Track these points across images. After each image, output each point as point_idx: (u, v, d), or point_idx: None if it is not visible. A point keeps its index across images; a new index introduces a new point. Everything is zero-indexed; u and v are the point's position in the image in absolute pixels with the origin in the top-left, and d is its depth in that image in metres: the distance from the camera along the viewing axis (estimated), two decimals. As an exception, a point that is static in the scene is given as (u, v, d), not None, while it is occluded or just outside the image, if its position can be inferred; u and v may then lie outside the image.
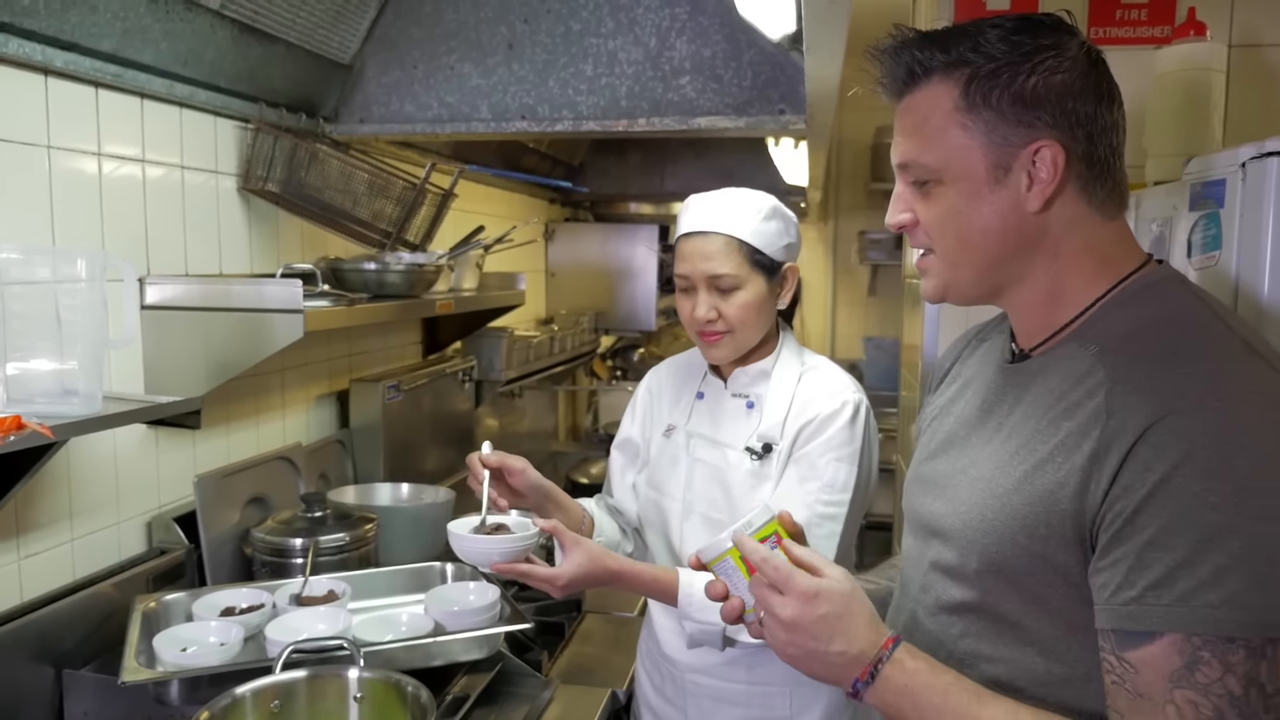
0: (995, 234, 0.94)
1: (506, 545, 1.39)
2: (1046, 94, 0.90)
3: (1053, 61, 0.90)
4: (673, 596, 1.50)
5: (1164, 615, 0.81)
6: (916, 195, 0.99)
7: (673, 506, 1.67)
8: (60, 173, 1.59)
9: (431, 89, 2.23)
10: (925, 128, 0.95)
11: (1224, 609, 0.78)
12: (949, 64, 0.93)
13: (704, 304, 1.57)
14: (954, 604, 0.99)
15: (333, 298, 1.94)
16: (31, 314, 1.39)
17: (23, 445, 1.21)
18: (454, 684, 1.62)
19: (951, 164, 0.94)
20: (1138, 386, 0.86)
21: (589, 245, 4.08)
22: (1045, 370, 0.96)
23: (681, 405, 1.74)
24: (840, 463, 1.54)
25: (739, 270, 1.56)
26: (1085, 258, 0.95)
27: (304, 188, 2.05)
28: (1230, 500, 0.79)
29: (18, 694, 1.49)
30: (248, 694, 1.30)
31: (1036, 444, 0.92)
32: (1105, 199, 0.94)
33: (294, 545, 1.84)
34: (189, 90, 1.84)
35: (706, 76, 2.12)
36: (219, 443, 2.03)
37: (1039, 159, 0.91)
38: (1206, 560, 0.79)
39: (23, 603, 1.56)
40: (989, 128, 0.92)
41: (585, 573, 1.42)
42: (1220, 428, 0.81)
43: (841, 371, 1.66)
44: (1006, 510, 0.92)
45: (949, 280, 1.00)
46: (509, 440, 3.45)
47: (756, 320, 1.59)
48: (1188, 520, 0.80)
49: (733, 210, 1.58)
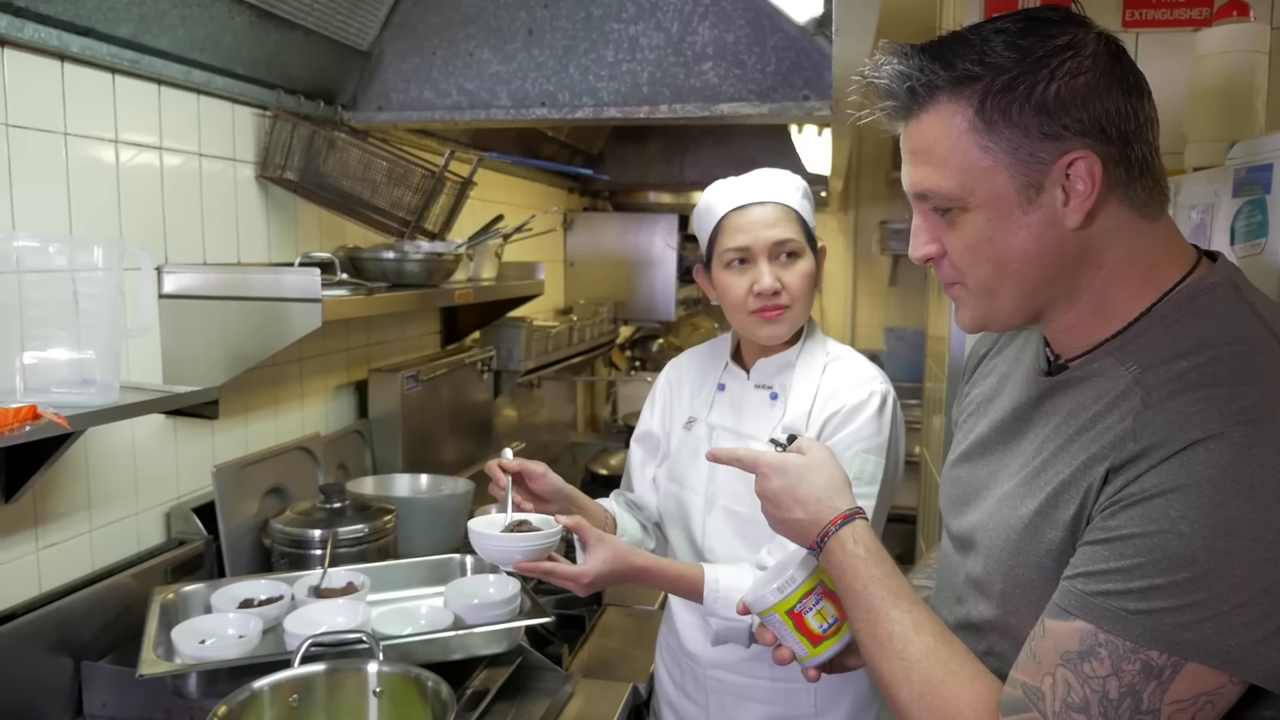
0: (1034, 257, 0.87)
1: (529, 544, 1.36)
2: (1071, 100, 0.83)
3: (1072, 63, 0.83)
4: (698, 593, 1.47)
5: (1081, 601, 0.80)
6: (940, 224, 0.91)
7: (694, 500, 1.64)
8: (77, 160, 1.58)
9: (450, 76, 2.20)
10: (940, 153, 0.88)
11: (1137, 618, 0.77)
12: (956, 81, 0.86)
13: (768, 274, 1.51)
14: (982, 621, 0.96)
15: (351, 287, 1.92)
16: (48, 303, 1.37)
17: (39, 435, 1.20)
18: (473, 678, 1.60)
19: (976, 189, 0.86)
20: (1169, 413, 0.80)
21: (608, 235, 4.05)
22: (1082, 385, 0.91)
23: (703, 397, 1.71)
24: (869, 454, 1.51)
25: (800, 236, 1.55)
26: (1130, 267, 0.88)
27: (322, 176, 2.03)
28: (1201, 537, 0.75)
29: (36, 685, 1.49)
30: (266, 688, 1.29)
31: (1063, 465, 0.88)
32: (1148, 199, 0.87)
33: (313, 536, 1.83)
34: (206, 77, 1.82)
35: (730, 62, 2.08)
36: (237, 433, 2.02)
37: (1073, 172, 0.84)
38: (1146, 576, 0.77)
39: (41, 593, 1.55)
40: (1013, 146, 0.84)
41: (609, 570, 1.39)
42: (1235, 464, 0.76)
43: (867, 361, 1.63)
44: (1031, 534, 0.89)
45: (986, 309, 0.93)
46: (527, 431, 3.43)
47: (810, 295, 1.58)
48: (1151, 539, 0.77)
49: (781, 183, 1.58)
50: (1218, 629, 0.74)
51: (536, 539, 1.37)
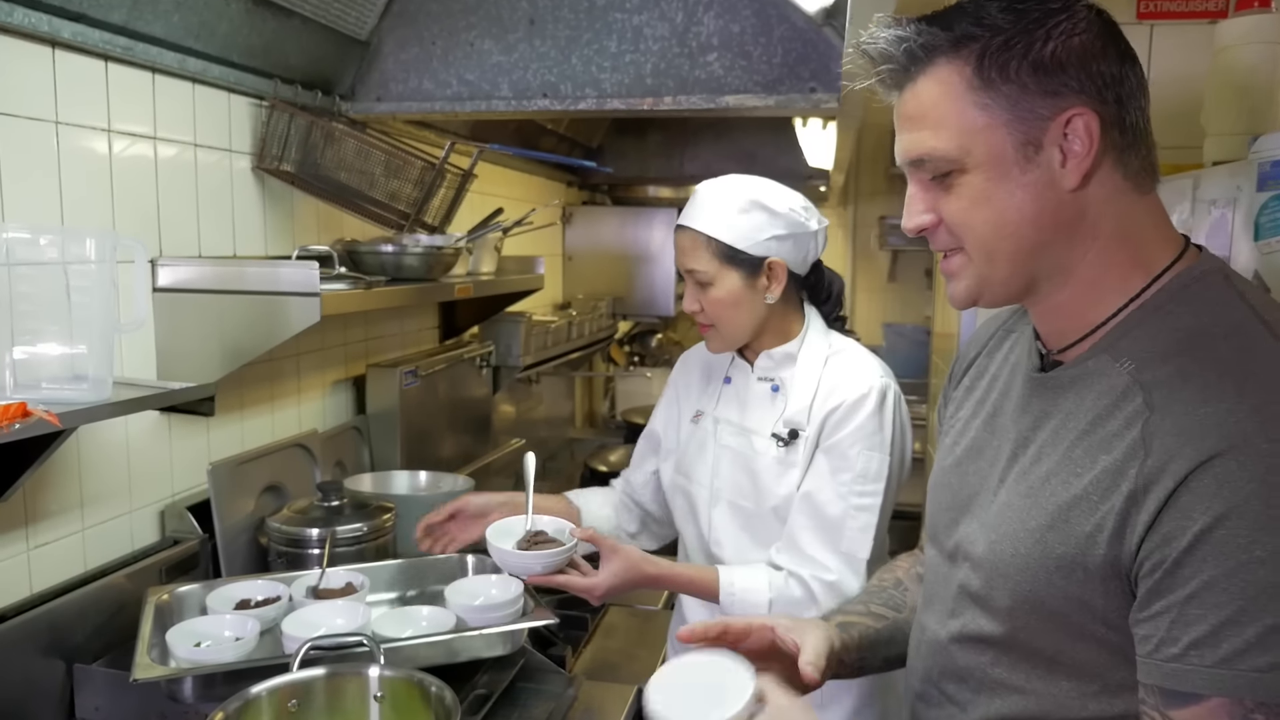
0: (1031, 218, 0.85)
1: (546, 559, 1.41)
2: (1068, 58, 0.82)
3: (1067, 24, 0.83)
4: (713, 595, 1.48)
5: (1208, 677, 0.74)
6: (936, 191, 0.89)
7: (700, 493, 1.64)
8: (69, 150, 1.53)
9: (451, 66, 2.16)
10: (937, 114, 0.86)
11: (1273, 674, 0.72)
12: (954, 42, 0.85)
13: (689, 296, 1.60)
14: (983, 635, 0.93)
15: (350, 281, 1.88)
16: (39, 296, 1.33)
17: (29, 434, 1.16)
18: (475, 680, 1.57)
19: (975, 148, 0.85)
20: (1178, 419, 0.78)
21: (607, 229, 4.02)
22: (1077, 385, 0.88)
23: (710, 390, 1.71)
24: (872, 451, 1.51)
25: (708, 266, 1.55)
26: (1122, 244, 0.86)
27: (320, 168, 1.99)
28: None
29: (28, 689, 1.45)
30: (263, 693, 1.25)
31: (1070, 476, 0.85)
32: (1139, 170, 0.86)
33: (310, 535, 1.79)
34: (202, 65, 1.78)
35: (735, 53, 2.05)
36: (233, 429, 1.98)
37: (1071, 130, 0.83)
38: (1255, 620, 0.72)
39: (32, 594, 1.52)
40: (1011, 103, 0.83)
41: (622, 580, 1.43)
42: (1270, 472, 0.73)
43: (869, 355, 1.61)
44: (1041, 548, 0.86)
45: (983, 277, 0.90)
46: (525, 427, 3.40)
47: (735, 316, 1.57)
48: (1233, 575, 0.73)
49: (708, 205, 1.56)
50: None
51: (554, 554, 1.42)
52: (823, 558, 1.49)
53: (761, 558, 1.56)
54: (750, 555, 1.57)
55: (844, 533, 1.49)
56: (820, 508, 1.51)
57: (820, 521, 1.51)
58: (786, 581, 1.50)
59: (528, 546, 1.46)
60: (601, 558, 1.44)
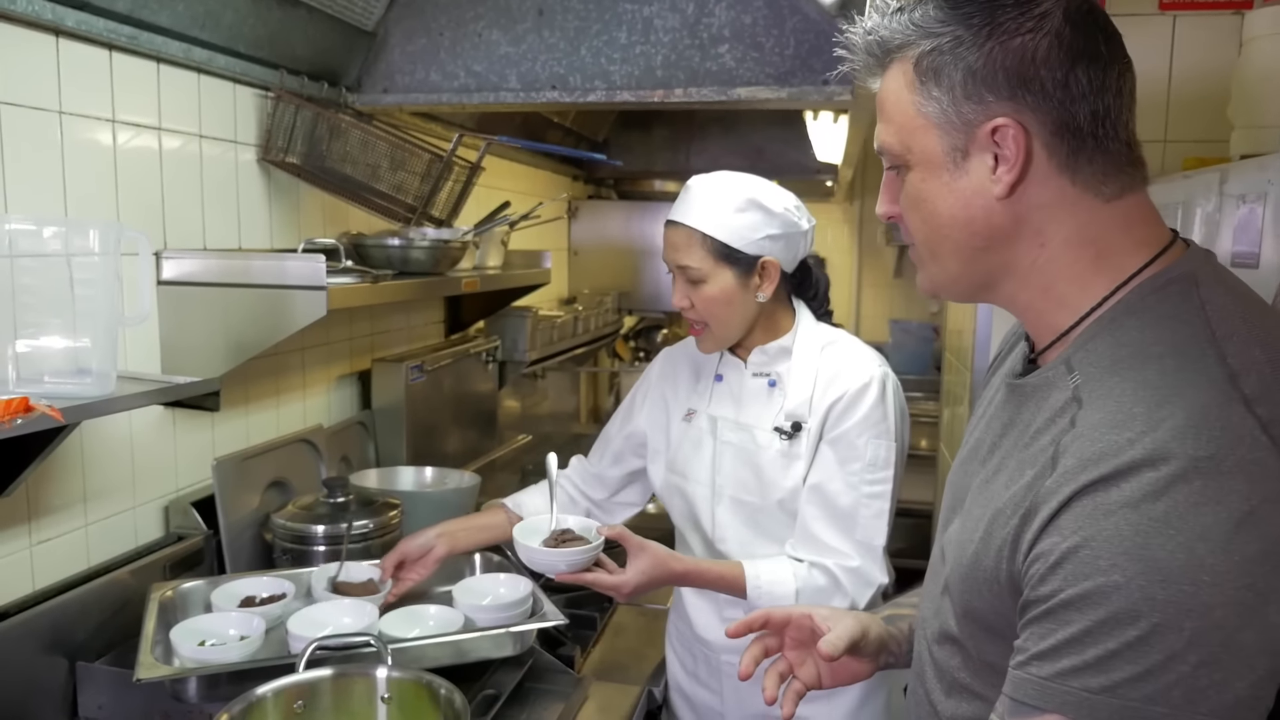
0: (962, 223, 0.85)
1: (572, 557, 1.41)
2: (1000, 64, 0.80)
3: (1011, 24, 0.80)
4: (740, 589, 1.49)
5: (1039, 689, 0.73)
6: (897, 183, 0.91)
7: (700, 492, 1.63)
8: (72, 140, 1.51)
9: (458, 57, 2.13)
10: (888, 109, 0.88)
11: (1102, 699, 0.69)
12: (903, 45, 0.86)
13: (678, 291, 1.58)
14: (952, 636, 0.92)
15: (356, 274, 1.85)
16: (42, 288, 1.31)
17: (31, 429, 1.14)
18: (484, 681, 1.55)
19: (913, 147, 0.86)
20: (1085, 443, 0.75)
21: (613, 223, 3.99)
22: (1037, 394, 0.86)
23: (700, 389, 1.69)
24: (879, 440, 1.51)
25: (701, 263, 1.53)
26: (1079, 250, 0.83)
27: (326, 160, 1.96)
28: (1138, 586, 0.69)
29: (30, 687, 1.43)
30: (269, 694, 1.23)
31: (1002, 488, 0.84)
32: (1100, 176, 0.82)
33: (316, 532, 1.77)
34: (207, 55, 1.75)
35: (747, 45, 2.02)
36: (238, 424, 1.96)
37: (1000, 138, 0.81)
38: (1098, 643, 0.70)
39: (35, 591, 1.49)
40: (941, 108, 0.83)
41: (650, 578, 1.42)
42: (1147, 501, 0.70)
43: (862, 344, 1.63)
44: (974, 559, 0.85)
45: (933, 273, 0.92)
46: (530, 422, 3.38)
47: (727, 314, 1.56)
48: (1087, 596, 0.70)
49: (703, 201, 1.54)
50: (1187, 697, 0.67)
51: (580, 552, 1.41)
52: (842, 546, 1.49)
53: (767, 552, 1.55)
54: (756, 550, 1.56)
55: (858, 521, 1.49)
56: (831, 499, 1.50)
57: (833, 512, 1.50)
58: (810, 571, 1.49)
59: (554, 545, 1.44)
60: (629, 555, 1.43)
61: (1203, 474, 0.69)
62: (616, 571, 1.44)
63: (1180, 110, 1.77)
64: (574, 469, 1.88)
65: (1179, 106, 1.78)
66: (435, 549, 1.67)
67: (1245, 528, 0.68)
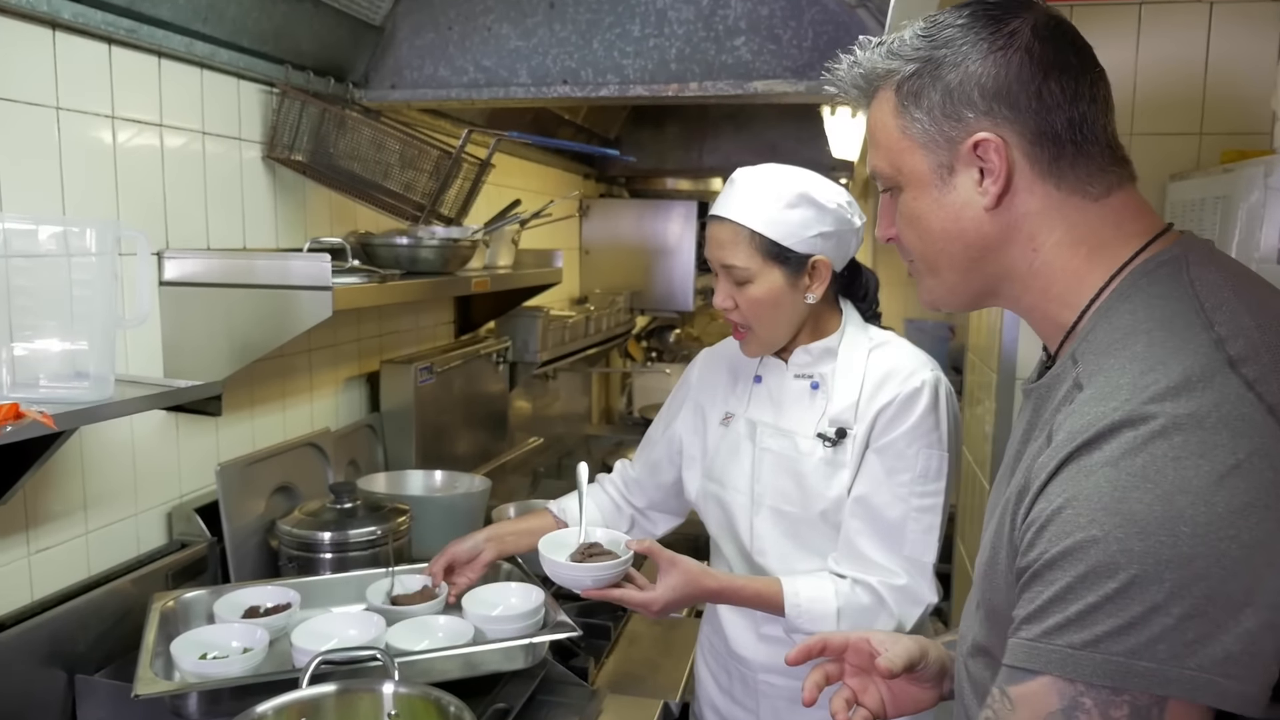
0: (954, 236, 0.89)
1: (599, 572, 1.36)
2: (977, 81, 0.85)
3: (983, 44, 0.85)
4: (778, 608, 1.41)
5: (1028, 650, 0.74)
6: (892, 206, 0.96)
7: (737, 500, 1.54)
8: (70, 137, 1.47)
9: (467, 52, 2.08)
10: (877, 136, 0.94)
11: (1086, 653, 0.70)
12: (885, 74, 0.91)
13: (721, 291, 1.51)
14: (980, 647, 0.93)
15: (363, 274, 1.81)
16: (38, 289, 1.27)
17: (21, 436, 1.09)
18: (494, 694, 1.50)
19: (902, 169, 0.91)
20: (1075, 417, 0.77)
21: (624, 222, 3.94)
22: (1048, 394, 0.87)
23: (739, 391, 1.61)
24: (931, 449, 1.42)
25: (749, 262, 1.45)
26: (1072, 248, 0.86)
27: (332, 157, 1.92)
28: (1116, 533, 0.69)
29: (28, 701, 1.39)
30: (270, 712, 1.18)
31: (1011, 478, 0.86)
32: (1085, 178, 0.85)
33: (322, 539, 1.72)
34: (209, 50, 1.71)
35: (763, 37, 1.96)
36: (243, 428, 1.91)
37: (982, 152, 0.86)
38: (1079, 598, 0.71)
39: (33, 601, 1.45)
40: (923, 128, 0.88)
41: (681, 594, 1.37)
42: (1125, 457, 0.71)
43: (913, 347, 1.53)
44: (991, 553, 0.87)
45: (932, 287, 0.96)
46: (542, 424, 3.33)
47: (773, 316, 1.48)
48: (1069, 553, 0.72)
49: (751, 196, 1.46)
50: (1172, 650, 0.67)
51: (608, 567, 1.36)
52: (888, 563, 1.41)
53: (808, 566, 1.48)
54: (796, 564, 1.48)
55: (906, 536, 1.41)
56: (878, 511, 1.42)
57: (879, 526, 1.42)
58: (853, 589, 1.41)
59: (581, 559, 1.38)
60: (659, 571, 1.37)
61: (1183, 430, 0.71)
62: (646, 587, 1.38)
63: (1216, 102, 1.70)
64: (617, 474, 1.80)
65: (1215, 98, 1.71)
66: (484, 553, 1.64)
67: (1230, 480, 0.69)
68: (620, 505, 1.77)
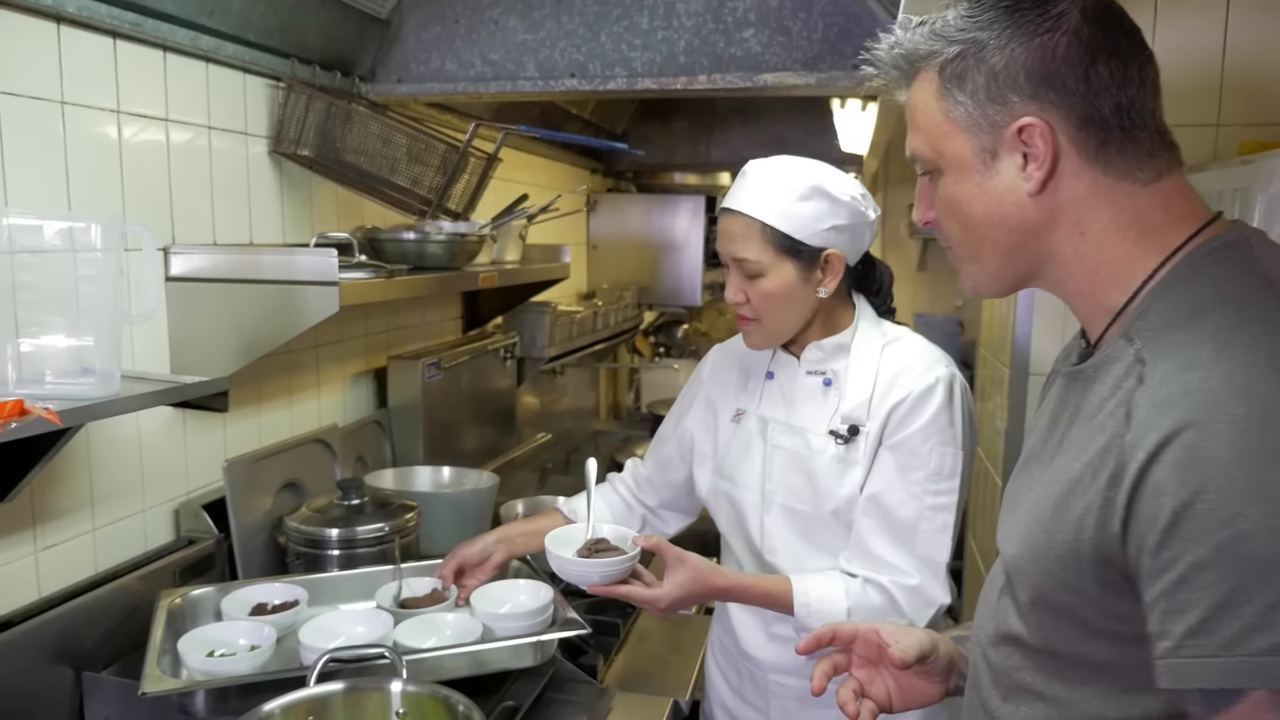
0: (997, 221, 0.88)
1: (605, 568, 1.34)
2: (1023, 64, 0.84)
3: (1030, 26, 0.83)
4: (788, 607, 1.39)
5: (1224, 668, 0.69)
6: (931, 189, 0.94)
7: (748, 498, 1.53)
8: (75, 132, 1.46)
9: (474, 45, 2.07)
10: (917, 119, 0.92)
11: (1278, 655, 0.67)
12: (928, 55, 0.89)
13: (732, 285, 1.48)
14: (1013, 635, 0.92)
15: (370, 269, 1.80)
16: (43, 285, 1.26)
17: (27, 433, 1.08)
18: (503, 692, 1.49)
19: (943, 153, 0.90)
20: (1154, 392, 0.76)
21: (632, 217, 3.92)
22: (1100, 374, 0.86)
23: (750, 388, 1.59)
24: (945, 447, 1.40)
25: (760, 256, 1.43)
26: (1120, 232, 0.85)
27: (339, 152, 1.91)
28: (1268, 523, 0.67)
29: (35, 699, 1.38)
30: (278, 711, 1.18)
31: (1072, 461, 0.84)
32: (1133, 164, 0.84)
33: (330, 535, 1.72)
34: (215, 43, 1.70)
35: (773, 29, 1.95)
36: (250, 424, 1.91)
37: (1027, 137, 0.84)
38: (1251, 598, 0.67)
39: (40, 598, 1.45)
40: (967, 112, 0.87)
41: (688, 592, 1.36)
42: (1243, 438, 0.69)
43: (927, 342, 1.51)
44: (1045, 538, 0.84)
45: (973, 273, 0.95)
46: (549, 420, 3.32)
47: (785, 310, 1.46)
48: (1220, 552, 0.68)
49: (763, 188, 1.43)
50: None
51: (614, 563, 1.34)
52: (900, 562, 1.39)
53: (819, 564, 1.46)
54: (807, 563, 1.47)
55: (919, 535, 1.39)
56: (890, 510, 1.40)
57: (891, 525, 1.40)
58: (864, 589, 1.39)
59: (588, 555, 1.37)
60: (667, 567, 1.35)
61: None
62: (654, 584, 1.37)
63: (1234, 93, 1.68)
64: (628, 472, 1.78)
65: (1233, 89, 1.69)
66: (494, 555, 1.63)
67: None
68: (631, 504, 1.75)
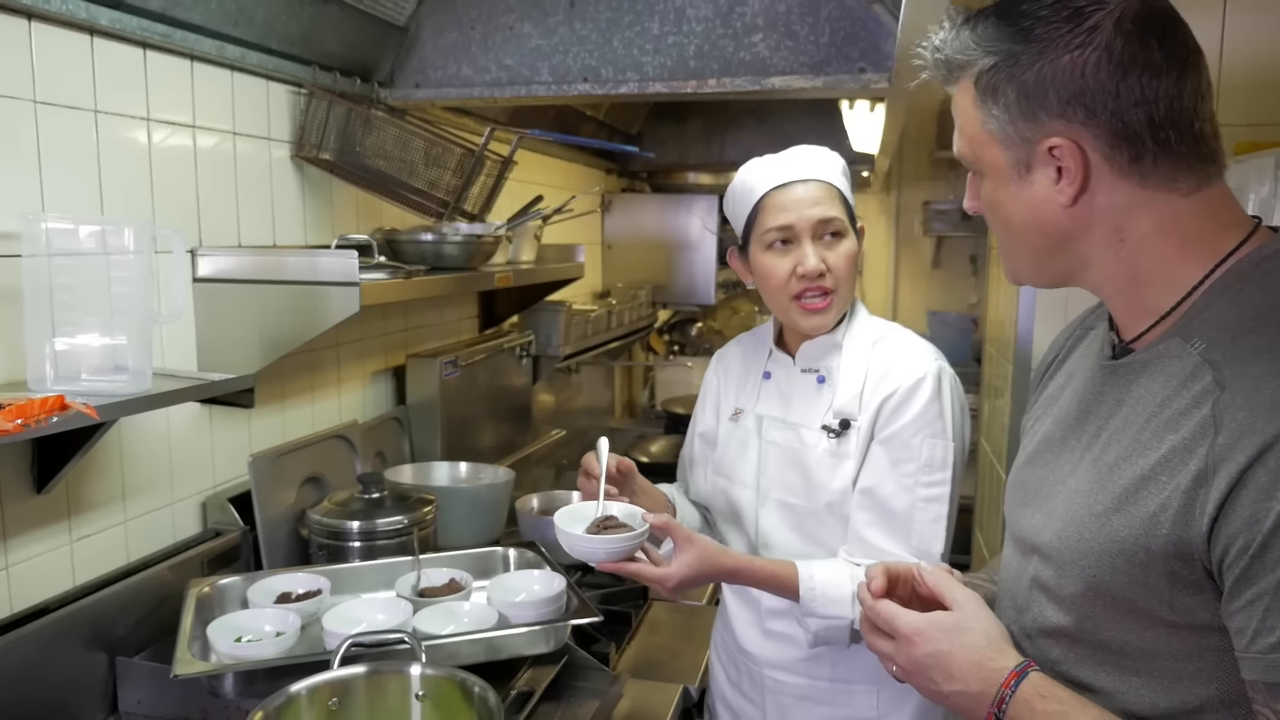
0: (1032, 227, 0.90)
1: (614, 545, 1.32)
2: (1051, 81, 0.83)
3: (1061, 41, 0.83)
4: (793, 592, 1.41)
5: None
6: (977, 182, 0.96)
7: (744, 494, 1.56)
8: (108, 139, 1.52)
9: (490, 51, 2.12)
10: (961, 124, 0.94)
11: None
12: (964, 64, 0.90)
13: (813, 255, 1.45)
14: (1052, 628, 0.92)
15: (389, 270, 1.85)
16: (79, 287, 1.33)
17: (67, 426, 1.14)
18: (518, 678, 1.54)
19: (981, 159, 0.92)
20: (1248, 395, 0.76)
21: (646, 216, 3.97)
22: (1148, 369, 0.86)
23: (749, 387, 1.63)
24: (936, 439, 1.43)
25: (844, 216, 1.48)
26: (1162, 240, 0.85)
27: (359, 156, 1.96)
28: None
29: (71, 682, 1.44)
30: (303, 691, 1.23)
31: (1137, 457, 0.84)
32: (1170, 174, 0.84)
33: (351, 528, 1.77)
34: (240, 52, 1.76)
35: (781, 33, 1.99)
36: (274, 420, 1.97)
37: (1058, 154, 0.85)
38: None
39: (75, 587, 1.51)
40: (1000, 124, 0.88)
41: (696, 572, 1.35)
42: None
43: (917, 337, 1.54)
44: (1106, 532, 0.84)
45: (1015, 268, 0.97)
46: (565, 417, 3.37)
47: (854, 277, 1.51)
48: None
49: (822, 160, 1.51)
50: None
51: (623, 540, 1.33)
52: (896, 551, 1.42)
53: (813, 557, 1.50)
54: (802, 557, 1.50)
55: (913, 526, 1.42)
56: (884, 502, 1.43)
57: (886, 517, 1.43)
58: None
59: (597, 532, 1.39)
60: (675, 547, 1.35)
61: None
62: (662, 563, 1.36)
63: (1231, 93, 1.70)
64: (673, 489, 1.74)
65: (1230, 89, 1.71)
66: (635, 474, 1.54)
67: None
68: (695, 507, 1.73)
